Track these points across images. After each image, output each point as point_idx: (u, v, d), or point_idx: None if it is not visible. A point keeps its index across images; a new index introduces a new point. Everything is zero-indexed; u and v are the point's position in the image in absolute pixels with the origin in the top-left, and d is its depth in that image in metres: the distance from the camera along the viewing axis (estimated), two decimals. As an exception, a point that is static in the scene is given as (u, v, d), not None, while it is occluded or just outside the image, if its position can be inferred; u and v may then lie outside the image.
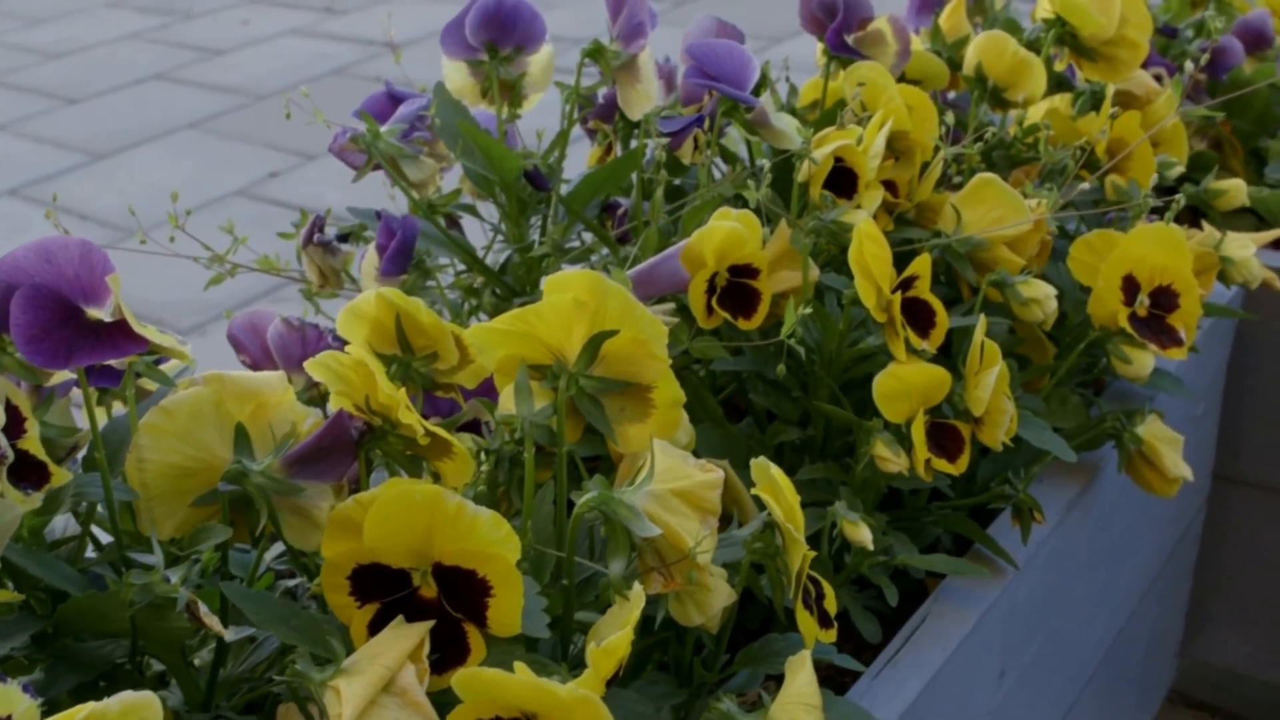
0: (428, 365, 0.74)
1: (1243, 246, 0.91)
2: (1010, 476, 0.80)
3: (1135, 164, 0.94)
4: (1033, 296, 0.81)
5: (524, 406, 0.66)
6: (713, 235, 0.76)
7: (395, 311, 0.73)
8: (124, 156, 3.18)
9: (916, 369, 0.74)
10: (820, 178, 0.82)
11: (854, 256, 0.73)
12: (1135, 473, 0.87)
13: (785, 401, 0.84)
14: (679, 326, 0.78)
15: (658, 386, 0.68)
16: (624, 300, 0.66)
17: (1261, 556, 1.27)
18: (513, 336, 0.67)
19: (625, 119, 1.01)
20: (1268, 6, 1.34)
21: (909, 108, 0.92)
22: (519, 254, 0.91)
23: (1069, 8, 0.94)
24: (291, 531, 0.63)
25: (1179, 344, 0.84)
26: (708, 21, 0.98)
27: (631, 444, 0.69)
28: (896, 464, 0.73)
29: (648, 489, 0.61)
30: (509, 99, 0.91)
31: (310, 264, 0.92)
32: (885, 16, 1.01)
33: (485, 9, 0.89)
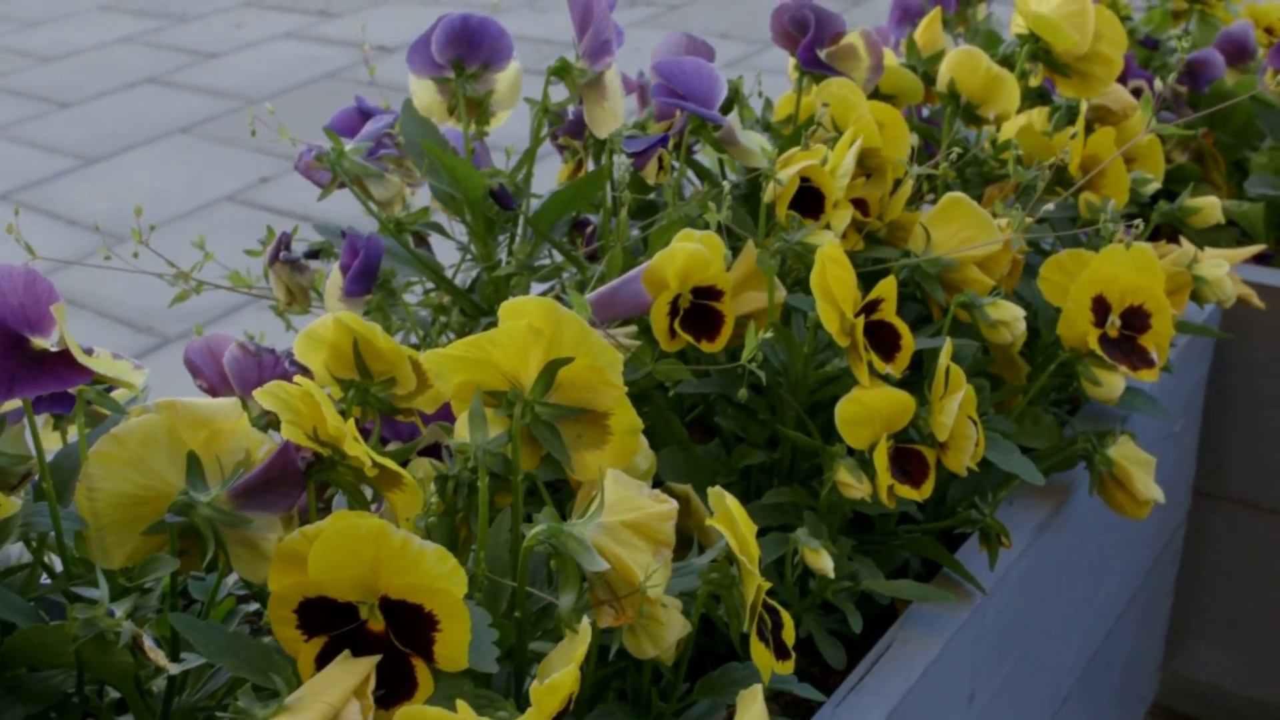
0: (386, 390, 0.74)
1: (1216, 266, 0.91)
2: (977, 501, 0.79)
3: (1109, 181, 0.94)
4: (1001, 319, 0.80)
5: (478, 435, 0.65)
6: (675, 257, 0.75)
7: (353, 336, 0.72)
8: (116, 161, 3.17)
9: (880, 394, 0.73)
10: (786, 198, 0.81)
11: (816, 280, 0.72)
12: (1106, 495, 0.87)
13: (752, 424, 0.83)
14: (642, 349, 0.78)
15: (615, 413, 0.68)
16: (579, 327, 0.65)
17: (1243, 571, 1.27)
18: (468, 363, 0.67)
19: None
20: (1250, 17, 1.33)
21: (880, 125, 0.91)
22: (487, 273, 0.90)
23: (1042, 24, 0.93)
24: (240, 563, 0.62)
25: (1150, 365, 0.83)
26: (677, 37, 0.97)
27: (589, 471, 0.69)
28: (859, 490, 0.73)
29: (598, 521, 0.60)
30: (476, 116, 0.90)
31: (277, 282, 0.91)
32: (858, 31, 1.00)
33: (452, 26, 0.88)
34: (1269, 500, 1.22)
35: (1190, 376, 1.13)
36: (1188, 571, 1.28)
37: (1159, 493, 0.85)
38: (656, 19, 3.87)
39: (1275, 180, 1.17)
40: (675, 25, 3.79)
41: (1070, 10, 0.95)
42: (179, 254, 0.93)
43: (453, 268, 0.94)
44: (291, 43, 3.92)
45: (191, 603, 0.81)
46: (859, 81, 0.99)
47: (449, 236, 0.93)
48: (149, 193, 2.95)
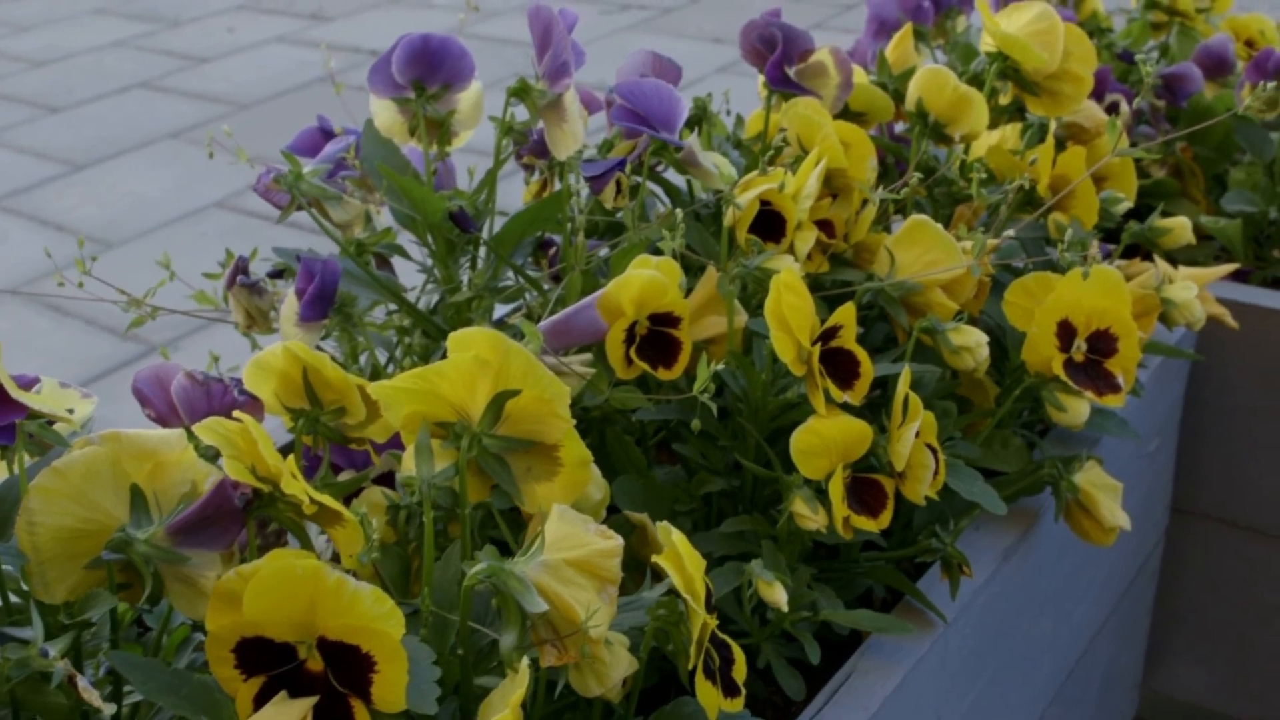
0: (336, 419, 0.73)
1: (1185, 288, 0.90)
2: (938, 530, 0.78)
3: (1078, 201, 0.93)
4: (963, 344, 0.79)
5: (424, 468, 0.64)
6: (630, 285, 0.74)
7: (302, 365, 0.72)
8: (104, 167, 3.16)
9: (836, 424, 0.72)
10: (745, 223, 0.80)
11: (771, 308, 0.71)
12: (1072, 521, 0.86)
13: (713, 450, 0.82)
14: (599, 376, 0.77)
15: (564, 445, 0.67)
16: (526, 359, 0.64)
17: (1222, 589, 1.26)
18: (416, 394, 0.66)
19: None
20: (1230, 30, 1.32)
21: (846, 145, 0.91)
22: (448, 296, 0.89)
23: (1010, 43, 0.92)
24: (179, 600, 0.62)
25: (1116, 390, 0.82)
26: (643, 55, 0.96)
27: (539, 503, 0.68)
28: (815, 521, 0.72)
29: (540, 559, 0.59)
30: (437, 137, 0.89)
31: (236, 305, 0.90)
32: (827, 48, 0.99)
33: (412, 46, 0.87)
34: (1246, 518, 1.21)
35: (1166, 395, 1.12)
36: (1166, 589, 1.27)
37: (1125, 519, 0.84)
38: (649, 23, 3.86)
39: (1253, 197, 1.16)
40: (668, 30, 3.78)
41: (1039, 28, 0.94)
42: (170, 258, 0.92)
43: (416, 289, 0.93)
44: (283, 47, 3.91)
45: (146, 631, 0.80)
46: (828, 99, 0.98)
47: (409, 259, 0.92)
48: (137, 199, 2.95)
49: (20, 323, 2.45)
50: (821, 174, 0.86)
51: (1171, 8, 1.33)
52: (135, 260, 2.65)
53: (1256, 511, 1.21)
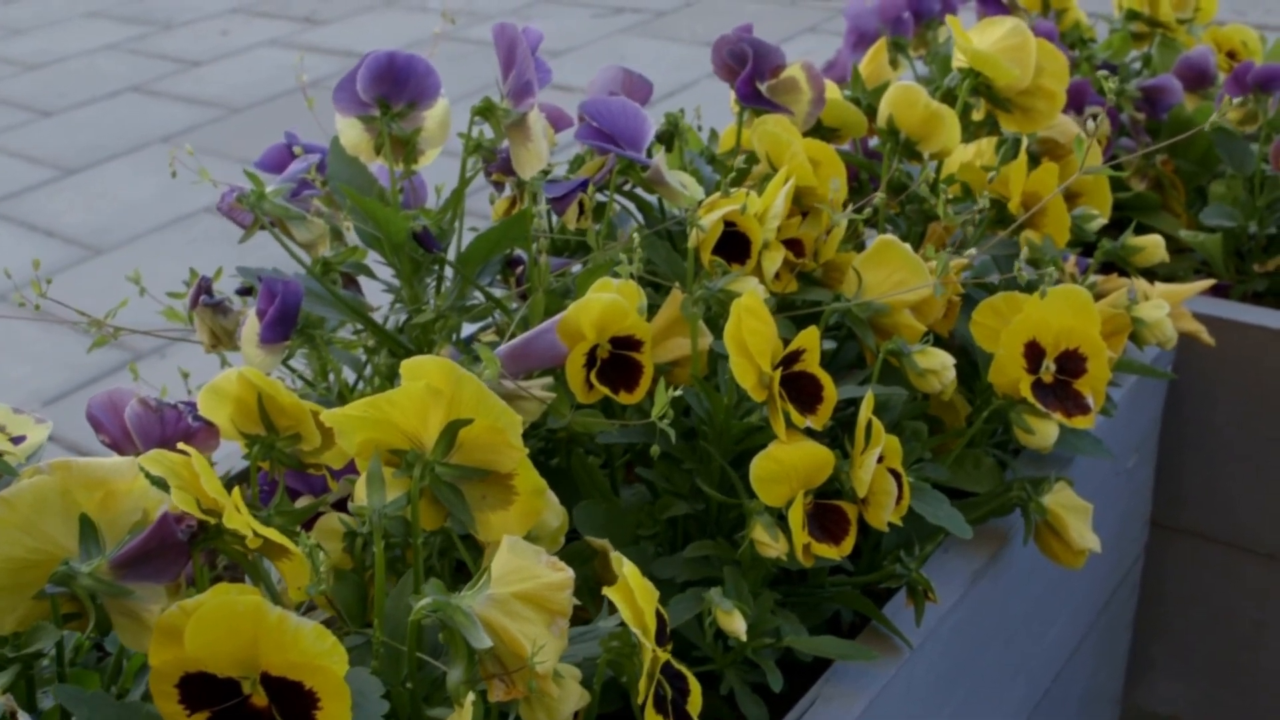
0: (292, 445, 0.72)
1: (1156, 307, 0.89)
2: (902, 555, 0.78)
3: (1050, 219, 0.92)
4: (929, 367, 0.79)
5: (375, 498, 0.64)
6: (590, 308, 0.73)
7: (257, 391, 0.71)
8: (95, 171, 3.15)
9: (797, 450, 0.71)
10: (709, 244, 0.79)
11: (730, 333, 0.71)
12: (1042, 543, 0.85)
13: (677, 473, 0.81)
14: (560, 399, 0.76)
15: (519, 473, 0.66)
16: (477, 388, 0.64)
17: (1203, 604, 1.25)
18: (369, 422, 0.65)
19: (533, 170, 0.98)
20: (1212, 41, 1.31)
21: (815, 163, 0.90)
22: (414, 315, 0.88)
23: (980, 60, 0.92)
24: (124, 634, 0.61)
25: (1085, 411, 0.82)
26: (613, 71, 0.95)
27: (494, 532, 0.67)
28: (775, 549, 0.71)
29: (488, 593, 0.59)
30: (403, 155, 0.88)
31: (201, 325, 0.89)
32: (799, 64, 0.98)
33: (377, 64, 0.86)
34: (1227, 533, 1.20)
35: (1144, 411, 1.11)
36: (1147, 604, 1.27)
37: (1094, 541, 0.83)
38: (642, 26, 3.85)
39: (1232, 211, 1.16)
40: (661, 34, 3.77)
41: (1011, 44, 0.93)
42: (156, 267, 0.91)
43: (387, 308, 0.93)
44: (276, 50, 3.90)
45: (106, 656, 0.80)
46: (800, 115, 0.98)
47: (375, 278, 0.91)
48: (127, 204, 2.94)
49: (8, 329, 2.44)
50: (789, 193, 0.85)
51: (1153, 19, 1.32)
52: (124, 266, 2.64)
53: (1237, 527, 1.20)
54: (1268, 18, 3.47)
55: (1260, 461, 1.16)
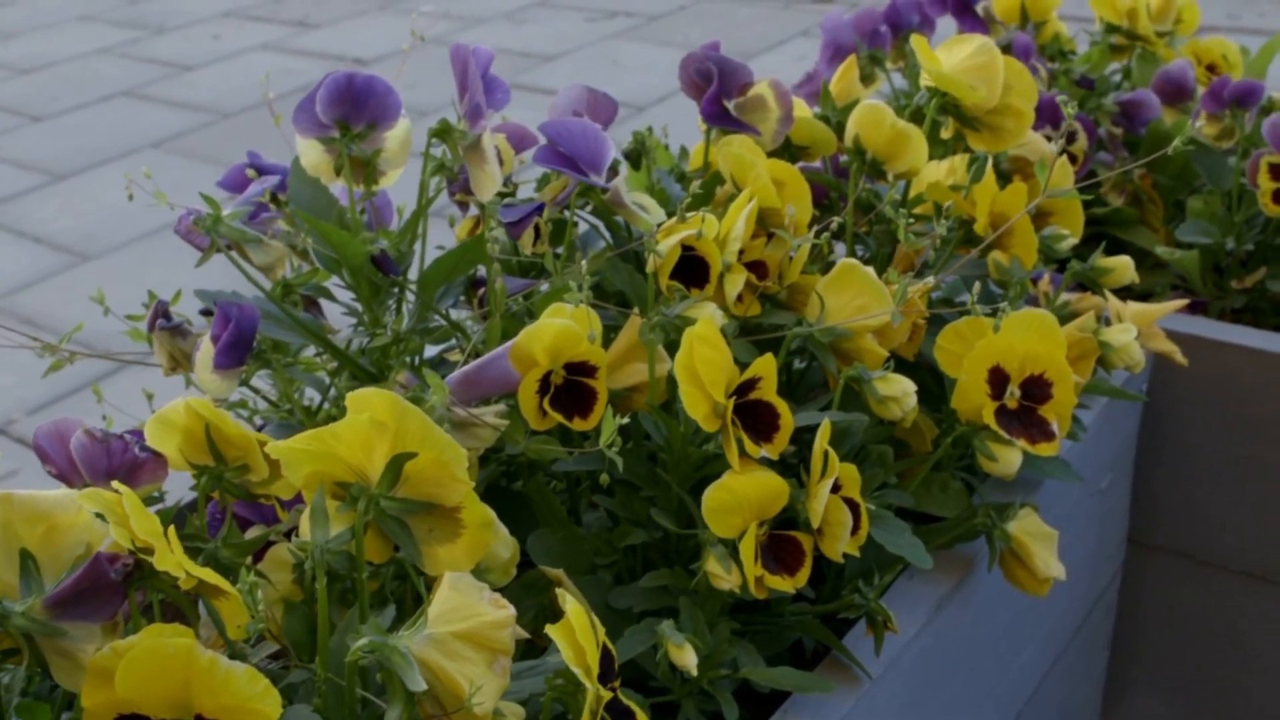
0: (240, 476, 0.72)
1: (1124, 330, 0.88)
2: (860, 586, 0.77)
3: (1017, 240, 0.91)
4: (889, 394, 0.78)
5: (318, 532, 0.63)
6: (542, 334, 0.72)
7: (204, 422, 0.70)
8: (85, 177, 3.15)
9: (751, 480, 0.70)
10: (666, 269, 0.78)
11: (682, 363, 0.70)
12: (1007, 570, 0.84)
13: (636, 500, 0.80)
14: (514, 426, 0.75)
15: (466, 507, 0.65)
16: (422, 422, 0.63)
17: (1181, 622, 1.24)
18: (313, 455, 0.64)
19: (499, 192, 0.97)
20: (1192, 54, 1.30)
21: (780, 184, 0.89)
22: (373, 339, 0.88)
23: (945, 80, 0.91)
24: (59, 673, 0.60)
25: (1049, 438, 0.81)
26: (576, 91, 0.95)
27: (441, 565, 0.66)
28: (728, 581, 0.70)
29: (426, 633, 0.58)
30: (363, 176, 0.87)
31: (160, 348, 0.88)
32: (767, 81, 0.97)
33: (336, 85, 0.85)
34: (1204, 552, 1.19)
35: (1118, 431, 1.10)
36: (1125, 622, 1.26)
37: (1060, 570, 0.82)
38: (635, 30, 3.84)
39: (1209, 228, 1.15)
40: (654, 37, 3.76)
41: (979, 62, 0.92)
42: (145, 273, 0.90)
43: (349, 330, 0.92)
44: (268, 55, 3.89)
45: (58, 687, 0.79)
46: (768, 133, 0.97)
47: (336, 301, 0.90)
48: (116, 210, 2.93)
49: (-7, 337, 2.43)
50: (752, 215, 0.85)
51: (1131, 32, 1.31)
52: (113, 273, 2.63)
53: (1214, 546, 1.19)
54: (1261, 22, 3.46)
55: (1236, 480, 1.15)
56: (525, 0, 4.23)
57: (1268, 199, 1.09)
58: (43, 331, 2.48)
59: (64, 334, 0.87)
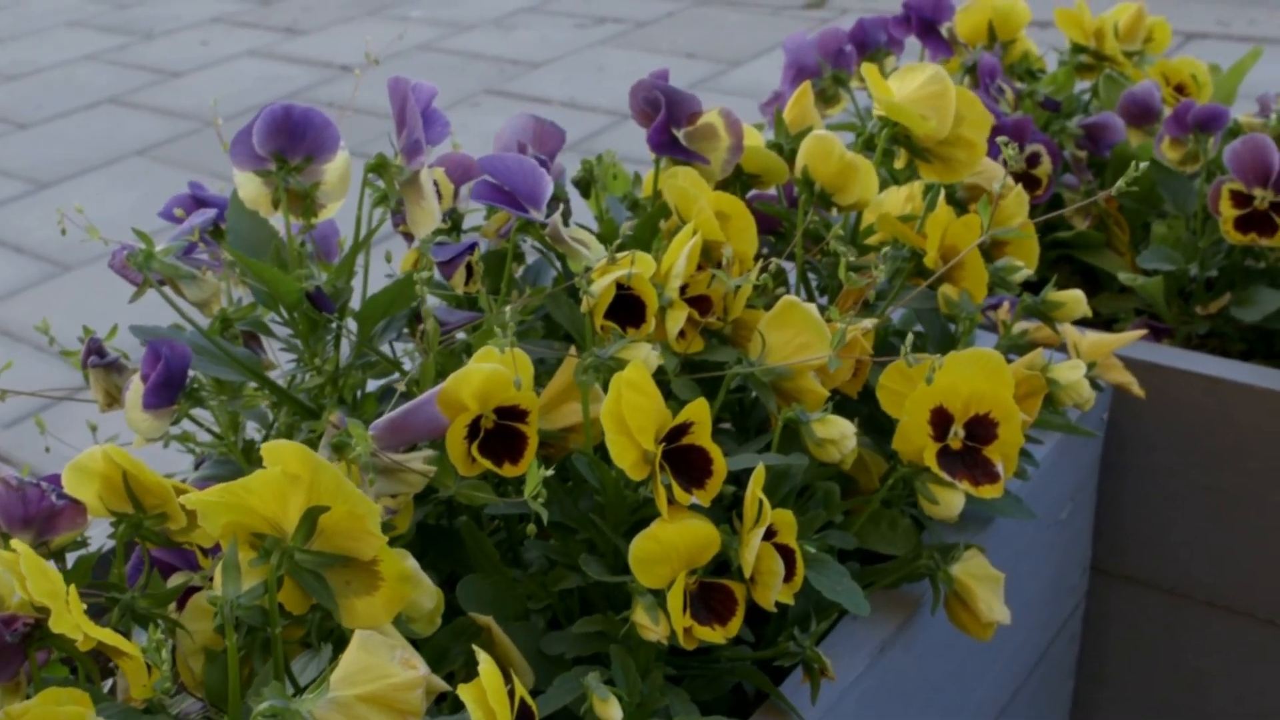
0: (160, 524, 0.70)
1: (1073, 368, 0.86)
2: (796, 633, 0.75)
3: (968, 272, 0.89)
4: (828, 437, 0.76)
5: (230, 587, 0.61)
6: (470, 379, 0.71)
7: (122, 470, 0.69)
8: (68, 185, 3.14)
9: (679, 529, 0.69)
10: (601, 309, 0.77)
11: (609, 410, 0.68)
12: (951, 613, 0.83)
13: (572, 543, 0.79)
14: (443, 471, 0.73)
15: (383, 560, 0.64)
16: (334, 476, 0.62)
17: (1146, 651, 1.22)
18: (228, 507, 0.63)
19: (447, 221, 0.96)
20: (1160, 75, 1.29)
21: (725, 217, 0.88)
22: (311, 375, 0.86)
23: (895, 110, 0.89)
24: (-41, 735, 0.59)
25: (994, 480, 0.79)
26: (522, 120, 0.93)
27: (360, 618, 0.65)
28: (655, 633, 0.68)
29: (330, 696, 0.56)
30: (301, 209, 0.86)
31: (96, 384, 0.87)
32: (717, 110, 0.96)
33: (273, 117, 0.84)
34: (1168, 580, 1.18)
35: (1077, 461, 1.08)
36: (1091, 650, 1.24)
37: (1004, 614, 0.81)
38: (623, 37, 3.82)
39: (1172, 254, 1.13)
40: (641, 44, 3.75)
41: (930, 92, 0.90)
42: (124, 286, 0.88)
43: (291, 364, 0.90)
44: (255, 61, 3.88)
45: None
46: (718, 162, 0.95)
47: (274, 336, 0.89)
48: (99, 220, 2.90)
49: (-31, 349, 2.43)
50: (694, 251, 0.83)
51: (1098, 53, 1.29)
52: (93, 283, 2.62)
53: (1179, 575, 1.17)
54: (1252, 29, 3.44)
55: (1199, 509, 1.13)
56: (514, 6, 4.22)
57: (1230, 226, 1.08)
58: (20, 344, 2.47)
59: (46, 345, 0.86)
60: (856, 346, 0.83)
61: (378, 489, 0.71)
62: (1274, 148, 1.06)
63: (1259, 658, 1.17)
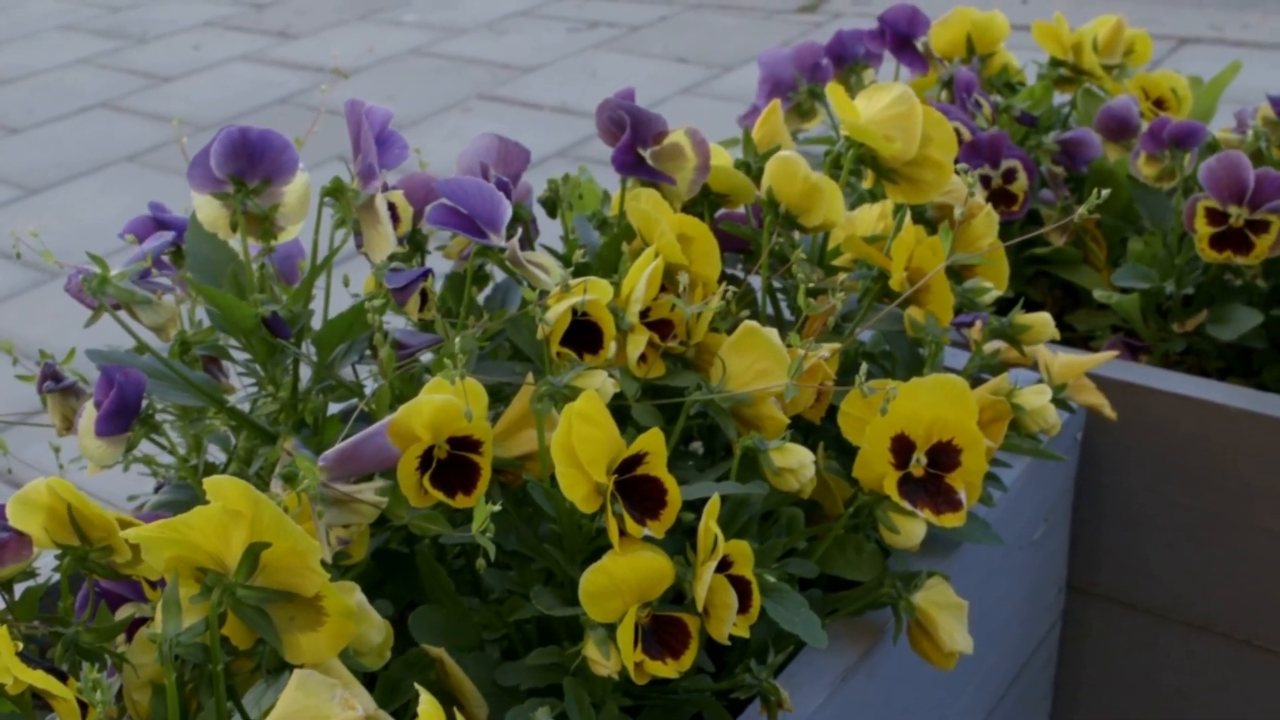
0: (105, 557, 0.70)
1: (1038, 393, 0.85)
2: (752, 664, 0.74)
3: (933, 295, 0.88)
4: (785, 466, 0.75)
5: (170, 624, 0.61)
6: (421, 410, 0.70)
7: (66, 502, 0.68)
8: (58, 191, 3.13)
9: (630, 563, 0.68)
10: (556, 336, 0.76)
11: (559, 441, 0.67)
12: (913, 642, 0.82)
13: (529, 572, 0.78)
14: (396, 501, 0.73)
15: (326, 595, 0.63)
16: (274, 513, 0.61)
17: (1123, 670, 1.22)
18: (170, 542, 0.62)
19: (408, 241, 0.95)
20: (1140, 88, 1.28)
21: (688, 239, 0.87)
22: (271, 399, 0.85)
23: (860, 132, 0.88)
24: (-109, 777, 0.58)
25: (956, 508, 0.78)
26: (486, 140, 0.92)
27: (304, 654, 0.64)
28: (606, 667, 0.68)
29: (265, 740, 0.56)
30: (260, 232, 0.85)
31: (53, 409, 0.86)
32: (683, 130, 0.95)
33: (230, 140, 0.83)
34: (1144, 599, 1.17)
35: (1052, 479, 1.07)
36: (1069, 669, 1.23)
37: (966, 643, 0.80)
38: (616, 41, 3.81)
39: (1148, 271, 1.12)
40: (634, 48, 3.74)
41: (897, 113, 0.89)
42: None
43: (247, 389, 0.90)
44: (247, 65, 3.87)
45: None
46: (683, 183, 0.94)
47: (233, 360, 0.88)
48: (88, 226, 2.91)
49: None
50: (655, 275, 0.82)
51: (1076, 66, 1.28)
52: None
53: (1155, 593, 1.16)
54: (1245, 33, 3.43)
55: (1174, 529, 1.12)
56: (507, 10, 4.21)
57: (1205, 244, 1.07)
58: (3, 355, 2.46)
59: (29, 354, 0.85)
60: (818, 373, 0.82)
61: (328, 520, 0.70)
62: (1249, 165, 1.05)
63: (1237, 678, 1.16)
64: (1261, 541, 1.10)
